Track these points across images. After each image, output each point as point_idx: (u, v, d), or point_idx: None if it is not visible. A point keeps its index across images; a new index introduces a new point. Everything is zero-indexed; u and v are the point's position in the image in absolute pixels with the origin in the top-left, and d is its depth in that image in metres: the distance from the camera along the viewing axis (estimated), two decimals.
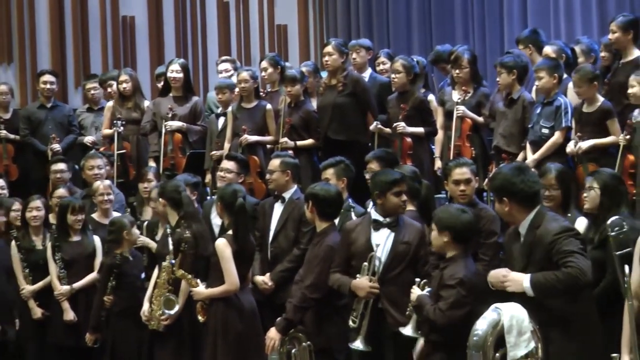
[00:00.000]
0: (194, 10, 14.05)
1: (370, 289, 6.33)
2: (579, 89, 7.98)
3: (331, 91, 9.21)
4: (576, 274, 5.24)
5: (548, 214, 5.57)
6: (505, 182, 5.54)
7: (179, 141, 9.87)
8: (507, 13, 12.87)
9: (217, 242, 7.12)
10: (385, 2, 14.07)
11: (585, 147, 7.86)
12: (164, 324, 7.47)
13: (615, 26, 8.37)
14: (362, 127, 9.23)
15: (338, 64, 9.18)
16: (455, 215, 5.99)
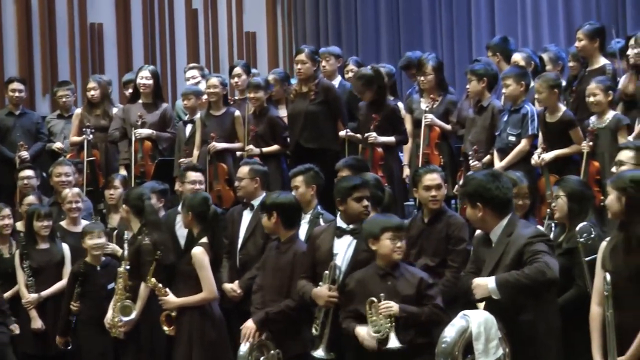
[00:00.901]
0: (162, 17, 14.03)
1: (329, 297, 6.33)
2: (539, 95, 8.03)
3: (302, 99, 9.20)
4: (542, 268, 5.20)
5: (520, 221, 5.57)
6: (480, 188, 5.50)
7: (148, 149, 9.83)
8: (475, 21, 12.95)
9: (195, 251, 7.08)
10: (354, 10, 14.12)
11: (548, 159, 7.91)
12: (121, 330, 7.44)
13: (582, 34, 8.44)
14: (334, 135, 9.20)
15: (310, 72, 9.18)
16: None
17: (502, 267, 5.37)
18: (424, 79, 9.09)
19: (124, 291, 7.45)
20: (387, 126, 9.01)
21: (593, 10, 11.80)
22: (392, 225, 6.05)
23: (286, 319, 6.68)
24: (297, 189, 7.34)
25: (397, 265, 6.02)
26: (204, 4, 14.33)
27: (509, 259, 5.36)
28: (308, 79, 9.20)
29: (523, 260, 5.30)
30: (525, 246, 5.32)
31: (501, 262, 5.39)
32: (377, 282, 5.99)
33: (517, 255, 5.33)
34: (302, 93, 9.23)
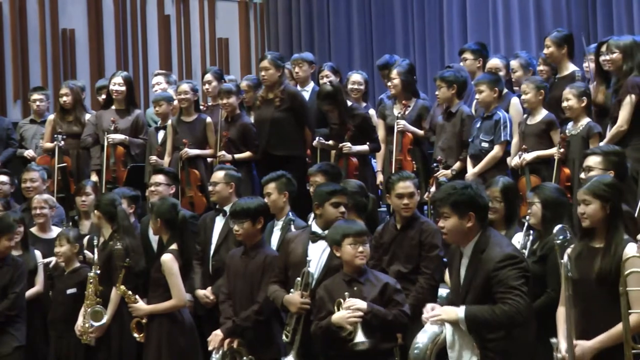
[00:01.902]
0: (135, 23, 13.98)
1: (300, 304, 6.34)
2: (526, 95, 8.07)
3: (268, 106, 9.16)
4: (513, 314, 5.15)
5: (492, 237, 5.41)
6: (476, 196, 5.38)
7: (121, 154, 9.81)
8: (447, 27, 13.01)
9: (164, 258, 7.07)
10: (327, 16, 14.14)
11: (529, 159, 7.95)
12: (92, 336, 7.41)
13: (550, 41, 8.49)
14: (301, 142, 9.19)
15: (275, 79, 9.12)
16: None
17: (473, 288, 5.30)
18: (390, 84, 9.12)
19: (94, 296, 7.42)
20: (360, 134, 9.03)
21: (564, 17, 11.88)
22: (352, 231, 6.03)
23: (254, 323, 6.69)
24: (269, 196, 7.33)
25: (363, 271, 6.01)
26: (177, 10, 14.31)
27: (479, 281, 5.29)
28: (273, 85, 9.13)
29: (492, 290, 5.21)
30: (493, 272, 5.22)
31: (472, 284, 5.32)
32: (343, 288, 5.98)
33: (486, 280, 5.25)
34: (267, 100, 9.18)
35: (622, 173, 6.43)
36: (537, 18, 12.12)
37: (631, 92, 7.61)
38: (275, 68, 9.10)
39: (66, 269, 7.88)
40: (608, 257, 5.17)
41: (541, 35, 11.61)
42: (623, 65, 7.75)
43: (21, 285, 7.89)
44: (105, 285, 7.46)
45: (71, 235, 7.85)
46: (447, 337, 5.23)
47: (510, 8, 12.35)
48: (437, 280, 6.67)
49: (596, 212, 5.23)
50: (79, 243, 7.87)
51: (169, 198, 7.75)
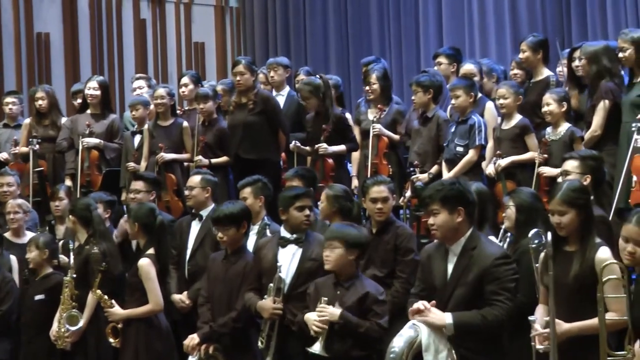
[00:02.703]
0: (110, 27, 13.95)
1: (273, 310, 6.36)
2: (505, 100, 8.09)
3: (241, 110, 9.09)
4: (503, 319, 5.25)
5: (481, 235, 5.53)
6: (465, 192, 5.47)
7: (95, 158, 9.78)
8: (423, 31, 13.05)
9: (141, 263, 7.06)
10: (303, 20, 14.16)
11: (504, 164, 7.98)
12: (68, 341, 7.39)
13: (525, 46, 8.52)
14: (274, 146, 9.14)
15: (250, 83, 9.04)
16: (360, 234, 6.02)
17: (463, 284, 5.35)
18: (369, 89, 9.12)
19: (70, 300, 7.40)
20: (336, 135, 9.04)
21: (539, 21, 11.93)
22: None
23: (231, 330, 6.68)
24: (245, 201, 7.33)
25: (353, 276, 6.00)
26: (152, 14, 14.29)
27: (471, 277, 5.34)
28: (247, 90, 9.07)
29: (485, 286, 5.29)
30: (491, 268, 5.29)
31: (462, 280, 5.37)
32: (329, 289, 6.00)
33: (481, 275, 5.31)
34: (240, 104, 9.11)
35: (600, 177, 6.47)
36: (513, 22, 12.18)
37: (604, 97, 7.67)
38: (250, 73, 9.05)
39: (37, 275, 7.84)
40: (582, 261, 5.20)
41: (516, 39, 11.67)
42: (590, 71, 7.82)
43: (8, 304, 7.80)
44: (81, 290, 7.42)
45: (41, 241, 7.78)
46: (423, 340, 5.25)
47: (486, 12, 12.40)
48: (412, 284, 6.66)
49: (572, 220, 5.27)
50: (49, 249, 7.79)
51: (146, 202, 7.73)
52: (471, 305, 5.33)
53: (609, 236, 5.87)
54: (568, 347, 5.11)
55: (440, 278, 5.50)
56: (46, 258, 7.77)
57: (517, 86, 8.33)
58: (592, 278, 5.11)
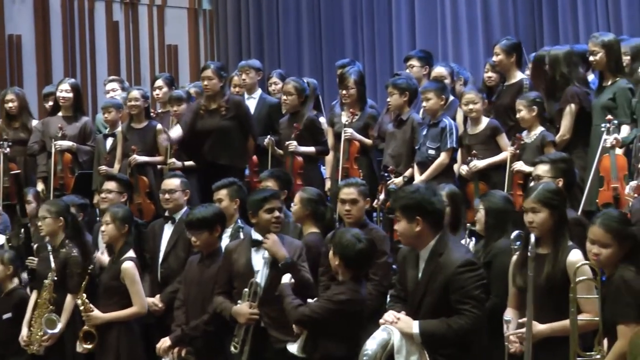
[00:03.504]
0: (83, 29, 13.90)
1: (249, 315, 6.36)
2: (474, 105, 8.13)
3: (212, 115, 8.86)
4: (469, 327, 5.24)
5: (450, 241, 5.50)
6: (423, 201, 5.41)
7: (68, 161, 9.74)
8: (396, 34, 13.08)
9: (126, 266, 7.05)
10: (276, 23, 14.17)
11: (480, 167, 8.01)
12: (45, 344, 7.34)
13: (499, 49, 8.54)
14: (245, 151, 9.05)
15: (217, 88, 8.86)
16: (351, 244, 5.87)
17: (431, 291, 5.35)
18: (346, 92, 9.10)
19: (48, 303, 7.35)
20: (308, 137, 9.06)
21: (511, 25, 11.99)
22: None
23: (203, 334, 6.69)
24: (220, 202, 7.32)
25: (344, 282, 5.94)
26: (125, 16, 14.25)
27: (437, 284, 5.34)
28: (215, 95, 8.90)
29: (450, 295, 5.30)
30: (453, 276, 5.29)
31: (429, 287, 5.37)
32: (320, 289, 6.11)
33: (445, 284, 5.31)
34: (210, 110, 8.91)
35: (571, 180, 6.51)
36: (485, 26, 12.23)
37: (571, 101, 7.73)
38: (218, 78, 8.89)
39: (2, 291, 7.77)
40: (555, 264, 5.24)
41: (489, 42, 11.73)
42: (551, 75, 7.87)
43: None
44: (58, 293, 7.38)
45: (6, 257, 7.75)
46: (395, 343, 5.26)
47: (459, 16, 12.44)
48: (385, 287, 6.69)
49: (545, 220, 5.30)
50: (13, 265, 7.76)
51: (122, 205, 7.71)
52: (441, 313, 5.34)
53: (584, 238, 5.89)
54: (538, 348, 5.16)
55: (412, 283, 5.51)
56: (10, 274, 7.73)
57: (479, 91, 8.41)
58: (564, 280, 5.16)
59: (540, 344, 5.15)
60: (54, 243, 7.56)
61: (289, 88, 9.21)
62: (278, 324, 6.28)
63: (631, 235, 5.07)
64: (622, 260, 5.03)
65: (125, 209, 7.38)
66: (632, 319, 4.81)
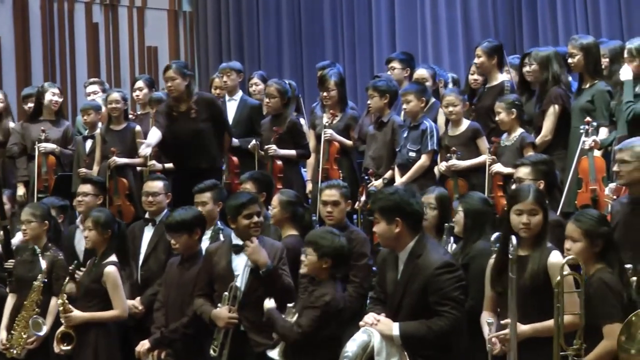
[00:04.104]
0: (62, 31, 13.85)
1: (228, 319, 6.35)
2: (454, 107, 8.15)
3: (185, 119, 8.58)
4: (449, 329, 5.29)
5: (429, 242, 5.55)
6: (402, 202, 5.45)
7: (53, 164, 9.73)
8: (376, 36, 13.11)
9: (109, 269, 7.02)
10: (256, 24, 14.17)
11: (460, 167, 8.03)
12: (30, 347, 7.31)
13: (481, 51, 8.55)
14: (222, 149, 8.91)
15: (182, 88, 8.53)
16: (336, 243, 5.95)
17: (410, 293, 5.39)
18: (327, 94, 9.10)
19: (35, 306, 7.33)
20: (289, 140, 9.06)
21: (491, 27, 12.03)
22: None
23: (182, 336, 6.69)
24: (204, 205, 7.31)
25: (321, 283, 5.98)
26: (105, 18, 14.21)
27: (416, 286, 5.38)
28: (181, 96, 8.59)
29: (429, 296, 5.33)
30: (432, 278, 5.32)
31: (408, 289, 5.41)
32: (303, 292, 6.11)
33: (424, 285, 5.35)
34: (182, 112, 8.61)
35: (552, 182, 6.54)
36: (465, 28, 12.26)
37: (554, 102, 7.76)
38: (181, 77, 8.55)
39: None
40: (537, 264, 5.27)
41: (469, 44, 11.79)
42: (540, 76, 7.90)
43: None
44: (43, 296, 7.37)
45: None
46: (375, 345, 5.28)
47: (439, 18, 12.48)
48: (366, 289, 6.70)
49: (540, 222, 5.34)
50: None
51: (104, 209, 7.70)
52: (421, 314, 5.37)
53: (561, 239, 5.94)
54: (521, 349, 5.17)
55: (391, 285, 5.55)
56: None
57: (461, 92, 8.46)
58: (546, 281, 5.20)
59: (522, 345, 5.17)
60: (39, 246, 7.53)
61: (271, 90, 9.21)
62: (258, 328, 6.28)
63: (603, 235, 5.19)
64: (598, 260, 5.16)
65: (107, 213, 7.35)
66: (617, 319, 4.92)
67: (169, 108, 8.65)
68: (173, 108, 8.63)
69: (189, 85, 8.59)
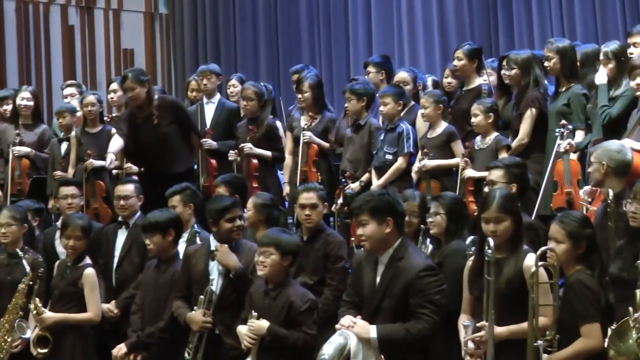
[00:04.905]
0: (38, 33, 13.80)
1: (203, 323, 6.36)
2: (425, 110, 8.17)
3: (149, 125, 8.54)
4: (427, 333, 5.32)
5: (410, 246, 5.59)
6: (393, 202, 5.52)
7: (26, 167, 9.70)
8: (352, 39, 13.12)
9: (88, 272, 7.04)
10: (233, 27, 14.15)
11: (429, 166, 8.04)
12: (16, 350, 7.25)
13: (462, 53, 8.54)
14: (191, 149, 8.91)
15: (142, 96, 8.48)
16: (294, 240, 6.03)
17: (390, 295, 5.41)
18: (301, 96, 9.11)
19: (19, 309, 7.28)
20: (265, 142, 9.07)
21: (467, 31, 12.05)
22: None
23: (158, 340, 6.68)
24: (174, 209, 7.30)
25: (282, 284, 5.99)
26: (81, 20, 14.16)
27: (397, 288, 5.40)
28: (143, 104, 8.53)
29: (410, 298, 5.35)
30: (415, 280, 5.35)
31: (389, 291, 5.42)
32: (260, 297, 6.02)
33: (406, 288, 5.37)
34: (145, 117, 8.56)
35: (524, 185, 6.56)
36: (441, 31, 12.28)
37: (531, 105, 7.78)
38: (140, 85, 8.48)
39: None
40: (513, 268, 5.29)
41: (445, 47, 11.82)
42: (521, 80, 7.92)
43: None
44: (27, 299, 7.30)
45: None
46: (352, 348, 5.28)
47: (415, 21, 12.50)
48: (342, 292, 6.69)
49: (508, 228, 5.35)
50: None
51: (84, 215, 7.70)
52: (399, 317, 5.38)
53: (537, 242, 5.96)
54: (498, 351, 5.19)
55: (369, 288, 5.55)
56: None
57: (438, 95, 8.39)
58: (521, 283, 5.21)
59: (498, 347, 5.19)
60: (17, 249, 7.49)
61: (249, 93, 9.21)
62: (232, 332, 6.28)
63: (586, 237, 5.24)
64: (578, 261, 5.20)
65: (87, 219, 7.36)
66: (596, 319, 5.00)
67: (131, 115, 8.61)
68: (136, 115, 8.58)
69: (148, 91, 8.55)
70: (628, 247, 5.42)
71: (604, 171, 6.09)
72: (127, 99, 8.71)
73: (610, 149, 6.17)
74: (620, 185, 6.05)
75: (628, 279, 5.12)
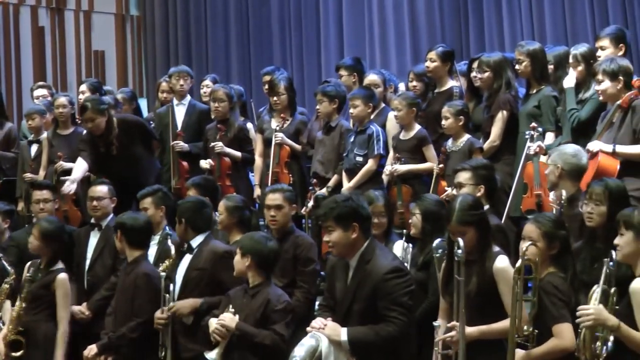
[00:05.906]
0: (7, 35, 13.72)
1: (157, 319, 6.49)
2: (398, 112, 8.18)
3: (113, 149, 8.63)
4: (396, 335, 5.32)
5: (377, 247, 5.58)
6: (358, 207, 5.50)
7: None
8: (324, 42, 13.13)
9: (62, 277, 7.04)
10: (204, 29, 14.14)
11: (401, 171, 8.06)
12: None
13: (435, 55, 8.55)
14: (151, 152, 9.04)
15: (102, 126, 8.55)
16: (260, 242, 6.02)
17: (360, 299, 5.42)
18: (277, 99, 9.10)
19: None
20: (235, 144, 9.07)
21: (438, 33, 12.09)
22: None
23: (128, 341, 6.70)
24: (146, 211, 7.30)
25: (261, 284, 6.00)
26: (51, 21, 14.10)
27: (365, 292, 5.42)
28: (103, 133, 8.57)
29: (378, 301, 5.36)
30: (380, 284, 5.36)
31: (358, 294, 5.44)
32: (239, 296, 6.05)
33: (373, 291, 5.39)
34: (109, 144, 8.62)
35: (492, 186, 6.59)
36: (412, 34, 12.32)
37: (503, 108, 7.82)
38: (100, 115, 8.53)
39: None
40: (482, 270, 5.31)
41: (416, 50, 11.85)
42: (493, 83, 7.95)
43: None
44: None
45: None
46: (323, 349, 5.29)
47: (386, 23, 12.52)
48: (314, 294, 6.73)
49: (471, 237, 5.35)
50: None
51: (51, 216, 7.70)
52: (369, 319, 5.39)
53: (506, 244, 6.00)
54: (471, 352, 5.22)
55: (341, 291, 5.57)
56: None
57: (412, 97, 8.38)
58: (492, 286, 5.26)
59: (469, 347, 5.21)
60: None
61: (220, 95, 9.19)
62: (187, 331, 6.32)
63: (560, 237, 5.26)
64: (551, 263, 5.23)
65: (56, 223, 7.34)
66: (567, 320, 5.02)
67: (94, 141, 8.63)
68: (99, 142, 8.62)
69: (109, 120, 8.58)
70: (586, 248, 5.51)
71: (558, 174, 6.19)
72: (88, 129, 8.68)
73: (565, 153, 6.27)
74: (574, 188, 6.14)
75: (588, 281, 5.16)
